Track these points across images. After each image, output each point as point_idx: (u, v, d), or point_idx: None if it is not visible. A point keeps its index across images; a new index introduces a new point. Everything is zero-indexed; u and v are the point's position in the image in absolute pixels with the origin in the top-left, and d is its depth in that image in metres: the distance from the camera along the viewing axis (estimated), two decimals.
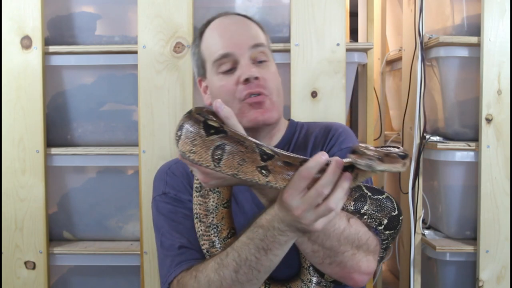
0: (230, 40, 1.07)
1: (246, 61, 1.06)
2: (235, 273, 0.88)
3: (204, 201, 0.95)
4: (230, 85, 1.06)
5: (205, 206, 0.95)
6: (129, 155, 1.58)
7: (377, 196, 0.95)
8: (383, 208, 0.95)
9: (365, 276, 0.93)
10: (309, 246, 0.89)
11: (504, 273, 1.58)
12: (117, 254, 1.59)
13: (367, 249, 0.92)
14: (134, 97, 1.56)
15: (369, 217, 0.95)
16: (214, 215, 0.95)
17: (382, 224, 0.96)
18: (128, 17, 1.64)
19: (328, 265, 0.91)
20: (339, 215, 0.88)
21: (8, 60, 1.54)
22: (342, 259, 0.89)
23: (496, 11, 1.55)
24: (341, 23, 1.52)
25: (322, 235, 0.86)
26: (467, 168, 1.63)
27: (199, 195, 0.95)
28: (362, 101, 1.82)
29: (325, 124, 1.17)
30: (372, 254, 0.93)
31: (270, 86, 1.07)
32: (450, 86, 1.66)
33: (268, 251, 0.85)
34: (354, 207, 0.94)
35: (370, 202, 0.95)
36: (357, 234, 0.90)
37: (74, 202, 1.66)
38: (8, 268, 1.57)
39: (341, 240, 0.88)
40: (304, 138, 1.15)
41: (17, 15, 1.54)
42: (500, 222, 1.57)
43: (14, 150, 1.55)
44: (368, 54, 1.70)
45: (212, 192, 0.94)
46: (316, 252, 0.89)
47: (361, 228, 0.92)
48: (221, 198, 0.95)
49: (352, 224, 0.90)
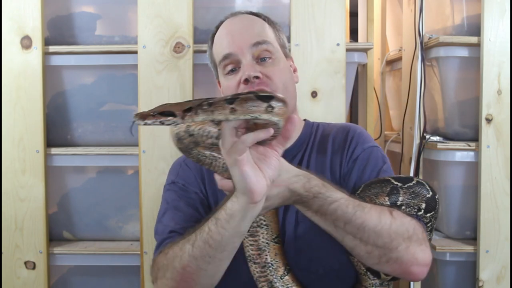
0: (232, 40, 1.07)
1: (248, 61, 1.05)
2: (191, 246, 0.88)
3: (254, 240, 0.93)
4: (233, 86, 1.06)
5: (256, 245, 0.93)
6: (129, 155, 1.58)
7: (408, 184, 0.97)
8: (417, 194, 0.97)
9: (424, 268, 0.93)
10: (362, 248, 0.89)
11: (504, 273, 1.58)
12: (117, 254, 1.59)
13: (417, 238, 0.92)
14: (134, 97, 1.56)
15: (406, 206, 0.97)
16: (267, 252, 0.93)
17: (421, 209, 0.98)
18: (128, 17, 1.64)
19: (386, 263, 0.91)
20: (382, 211, 0.90)
21: (8, 60, 1.54)
22: (398, 254, 0.89)
23: (496, 11, 1.55)
24: (341, 23, 1.52)
25: (372, 233, 0.87)
26: (467, 168, 1.63)
27: (248, 235, 0.93)
28: (362, 101, 1.82)
29: (341, 125, 1.17)
30: (424, 243, 0.93)
31: (276, 84, 1.05)
32: (450, 86, 1.66)
33: (217, 221, 0.84)
34: (390, 202, 0.96)
35: (403, 192, 0.96)
36: (404, 225, 0.90)
37: (74, 202, 1.66)
38: (8, 268, 1.57)
39: (391, 235, 0.88)
40: (322, 140, 1.14)
41: (17, 15, 1.54)
42: (500, 222, 1.57)
43: (14, 150, 1.55)
44: (368, 54, 1.70)
45: (260, 228, 0.92)
46: (370, 253, 0.89)
47: (405, 218, 0.92)
48: (270, 233, 0.93)
49: (396, 216, 0.91)
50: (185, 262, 0.89)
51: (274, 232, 0.93)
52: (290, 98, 1.09)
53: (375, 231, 0.87)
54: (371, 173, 1.05)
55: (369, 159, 1.07)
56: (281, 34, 1.16)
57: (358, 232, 0.87)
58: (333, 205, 0.86)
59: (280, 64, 1.09)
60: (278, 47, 1.11)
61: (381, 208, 0.91)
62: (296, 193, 0.84)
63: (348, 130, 1.13)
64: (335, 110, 1.52)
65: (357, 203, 0.89)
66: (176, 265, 0.90)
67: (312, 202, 0.85)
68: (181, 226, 1.03)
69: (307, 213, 0.88)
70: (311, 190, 0.85)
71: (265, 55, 1.07)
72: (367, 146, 1.09)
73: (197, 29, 1.57)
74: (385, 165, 1.07)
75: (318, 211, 0.86)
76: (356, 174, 1.06)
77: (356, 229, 0.87)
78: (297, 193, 0.84)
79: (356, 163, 1.07)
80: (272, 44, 1.09)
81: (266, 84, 1.04)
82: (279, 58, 1.10)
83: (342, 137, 1.12)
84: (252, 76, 1.03)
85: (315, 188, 0.85)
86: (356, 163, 1.07)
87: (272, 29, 1.13)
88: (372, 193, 0.98)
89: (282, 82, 1.07)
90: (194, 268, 0.88)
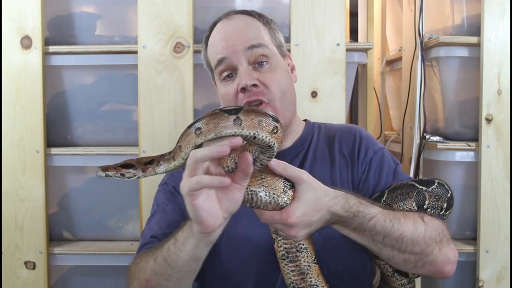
0: (225, 44, 1.05)
1: (244, 67, 1.03)
2: (153, 262, 0.88)
3: (295, 265, 0.92)
4: (231, 93, 1.05)
5: (299, 270, 0.92)
6: (129, 155, 1.58)
7: (431, 187, 1.01)
8: (440, 195, 1.02)
9: (454, 265, 0.96)
10: (400, 257, 0.90)
11: (504, 273, 1.58)
12: (117, 254, 1.58)
13: (446, 239, 0.95)
14: (134, 97, 1.56)
15: (431, 208, 1.00)
16: (311, 275, 0.92)
17: (443, 209, 1.02)
18: (128, 17, 1.64)
19: (421, 267, 0.93)
20: (414, 219, 0.91)
21: (8, 60, 1.54)
22: (432, 257, 0.92)
23: (496, 11, 1.55)
24: (341, 23, 1.52)
25: (410, 242, 0.88)
26: (467, 168, 1.63)
27: (288, 262, 0.92)
28: (362, 101, 1.82)
29: (345, 126, 1.18)
30: (451, 241, 0.97)
31: (272, 91, 1.03)
32: (450, 86, 1.66)
33: (176, 241, 0.84)
34: (417, 205, 0.99)
35: (428, 196, 1.00)
36: (435, 229, 0.93)
37: (74, 202, 1.66)
38: (8, 268, 1.57)
39: (426, 241, 0.90)
40: (326, 140, 1.13)
41: (17, 15, 1.54)
42: (500, 222, 1.57)
43: (14, 150, 1.55)
44: (368, 54, 1.70)
45: (300, 252, 0.91)
46: (407, 260, 0.91)
47: (434, 221, 0.95)
48: (310, 255, 0.92)
49: (427, 222, 0.93)
50: (147, 276, 0.89)
51: (313, 253, 0.93)
52: (289, 102, 1.07)
53: (412, 240, 0.89)
54: (387, 176, 1.07)
55: (382, 161, 1.09)
56: (277, 33, 1.12)
57: (397, 244, 0.88)
58: (372, 221, 0.86)
59: (278, 69, 1.06)
60: (275, 49, 1.08)
61: (413, 216, 0.93)
62: (336, 215, 0.83)
63: (354, 133, 1.13)
64: (335, 110, 1.52)
65: (392, 215, 0.89)
66: (140, 277, 0.91)
67: (351, 221, 0.85)
68: (162, 232, 1.02)
69: (345, 231, 0.88)
70: (351, 210, 0.84)
71: (262, 60, 1.04)
72: (377, 148, 1.11)
73: (197, 29, 1.57)
74: (398, 166, 1.10)
75: (356, 228, 0.86)
76: (372, 177, 1.07)
77: (395, 241, 0.88)
78: (337, 215, 0.83)
79: (371, 165, 1.08)
80: (268, 47, 1.06)
81: (263, 93, 1.02)
82: (276, 62, 1.07)
83: (349, 139, 1.12)
84: (249, 84, 1.01)
85: (354, 208, 0.85)
86: (372, 165, 1.08)
87: (267, 30, 1.10)
88: (399, 199, 1.00)
89: (280, 88, 1.05)
90: (155, 283, 0.88)
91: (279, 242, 0.90)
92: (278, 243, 0.90)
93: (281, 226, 0.80)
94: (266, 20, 1.12)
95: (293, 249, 0.90)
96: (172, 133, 1.52)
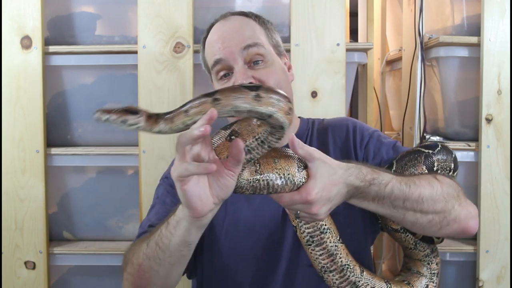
0: (222, 45, 1.06)
1: (239, 66, 1.04)
2: (146, 245, 0.89)
3: (322, 248, 0.90)
4: None
5: (327, 253, 0.90)
6: (129, 155, 1.58)
7: (437, 149, 1.03)
8: (446, 157, 1.04)
9: (477, 219, 0.97)
10: (424, 219, 0.91)
11: (504, 273, 1.58)
12: (117, 254, 1.58)
13: (463, 193, 0.96)
14: (134, 97, 1.56)
15: (441, 169, 1.02)
16: (340, 254, 0.91)
17: (451, 169, 1.04)
18: (128, 17, 1.64)
19: (446, 226, 0.93)
20: (428, 179, 0.92)
21: (8, 60, 1.54)
22: (455, 213, 0.93)
23: (496, 11, 1.55)
24: (341, 23, 1.52)
25: (430, 202, 0.89)
26: (467, 168, 1.63)
27: (315, 246, 0.90)
28: (362, 101, 1.82)
29: (336, 120, 1.19)
30: (467, 197, 0.98)
31: None
32: (450, 86, 1.66)
33: (168, 225, 0.85)
34: (427, 169, 1.00)
35: (436, 159, 1.02)
36: (451, 185, 0.94)
37: (74, 202, 1.66)
38: (8, 268, 1.57)
39: (445, 198, 0.91)
40: (320, 132, 1.15)
41: (17, 15, 1.54)
42: (500, 222, 1.57)
43: (14, 150, 1.55)
44: (368, 54, 1.70)
45: (325, 234, 0.90)
46: (431, 220, 0.91)
47: (447, 179, 0.96)
48: (334, 235, 0.91)
49: (441, 180, 0.94)
50: (140, 260, 0.90)
51: (337, 233, 0.92)
52: None
53: (431, 199, 0.89)
54: (387, 152, 1.08)
55: (379, 141, 1.10)
56: (273, 33, 1.14)
57: (418, 205, 0.89)
58: (389, 187, 0.86)
59: (273, 67, 1.08)
60: (271, 48, 1.10)
61: (427, 177, 0.94)
62: (353, 186, 0.83)
63: (347, 123, 1.15)
64: (335, 110, 1.52)
65: (406, 179, 0.90)
66: (134, 261, 0.92)
67: (369, 190, 0.85)
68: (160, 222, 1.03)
69: (363, 203, 0.87)
70: (366, 178, 0.84)
71: (257, 59, 1.06)
72: (371, 131, 1.13)
73: (197, 29, 1.57)
74: (397, 142, 1.12)
75: (375, 197, 0.86)
76: (372, 158, 1.08)
77: (415, 202, 0.88)
78: (354, 186, 0.83)
79: (369, 148, 1.09)
80: (263, 46, 1.07)
81: None
82: (272, 60, 1.08)
83: (343, 130, 1.13)
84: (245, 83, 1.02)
85: (369, 176, 0.85)
86: (369, 148, 1.09)
87: (263, 30, 1.12)
88: (409, 166, 1.01)
89: (276, 84, 1.06)
90: (147, 267, 0.89)
91: (301, 228, 0.89)
92: (301, 229, 0.89)
93: (301, 206, 0.79)
94: (262, 20, 1.14)
95: (316, 232, 0.89)
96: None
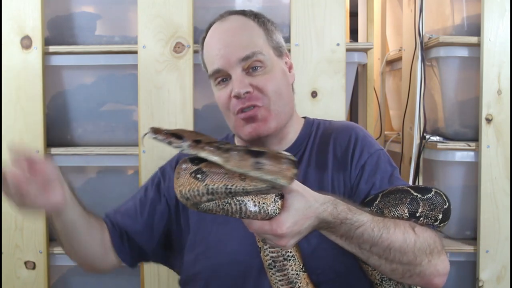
0: (219, 54, 1.05)
1: (237, 75, 1.03)
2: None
3: (283, 274, 0.89)
4: (224, 98, 1.05)
5: (287, 280, 0.89)
6: (129, 155, 1.58)
7: (427, 196, 0.97)
8: (435, 205, 0.98)
9: (444, 277, 0.95)
10: (387, 266, 0.89)
11: (504, 273, 1.58)
12: None
13: (437, 250, 0.93)
14: (134, 97, 1.56)
15: (424, 217, 0.97)
16: (299, 283, 0.90)
17: (438, 220, 0.98)
18: (128, 17, 1.64)
19: (409, 278, 0.92)
20: (405, 229, 0.90)
21: (8, 60, 1.54)
22: (421, 269, 0.90)
23: (496, 11, 1.55)
24: (341, 23, 1.52)
25: (398, 253, 0.87)
26: (467, 168, 1.63)
27: (276, 271, 0.89)
28: (362, 101, 1.82)
29: (342, 125, 1.15)
30: (443, 253, 0.95)
31: (268, 93, 1.03)
32: (450, 86, 1.66)
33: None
34: (409, 213, 0.95)
35: (422, 204, 0.96)
36: (426, 241, 0.91)
37: None
38: (8, 268, 1.57)
39: (415, 252, 0.89)
40: (322, 139, 1.12)
41: (17, 15, 1.54)
42: (500, 222, 1.57)
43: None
44: (368, 54, 1.70)
45: (288, 261, 0.88)
46: (395, 270, 0.90)
47: (426, 233, 0.92)
48: (297, 263, 0.89)
49: (418, 233, 0.91)
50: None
51: (301, 261, 0.90)
52: (284, 103, 1.07)
53: (400, 251, 0.87)
54: (381, 180, 1.03)
55: (377, 165, 1.05)
56: (273, 33, 1.10)
57: (384, 253, 0.87)
58: (360, 229, 0.84)
59: (272, 72, 1.06)
60: (270, 51, 1.07)
61: (404, 226, 0.90)
62: (324, 221, 0.82)
63: (350, 133, 1.10)
64: (335, 110, 1.52)
65: (382, 224, 0.87)
66: None
67: (339, 228, 0.84)
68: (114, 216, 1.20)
69: (331, 237, 0.87)
70: (339, 216, 0.83)
71: (256, 65, 1.04)
72: (373, 150, 1.07)
73: (197, 29, 1.56)
74: (395, 171, 1.07)
75: (343, 235, 0.85)
76: (365, 181, 1.04)
77: (382, 250, 0.87)
78: (325, 221, 0.82)
79: (364, 169, 1.05)
80: (262, 53, 1.04)
81: (257, 98, 1.02)
82: (271, 66, 1.06)
83: (344, 138, 1.09)
84: (242, 93, 1.01)
85: (342, 214, 0.83)
86: (365, 169, 1.05)
87: (263, 31, 1.08)
88: (391, 204, 0.97)
89: (275, 90, 1.04)
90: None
91: (265, 251, 0.88)
92: (265, 252, 0.88)
93: (270, 236, 0.79)
94: (262, 20, 1.10)
95: (280, 258, 0.88)
96: None
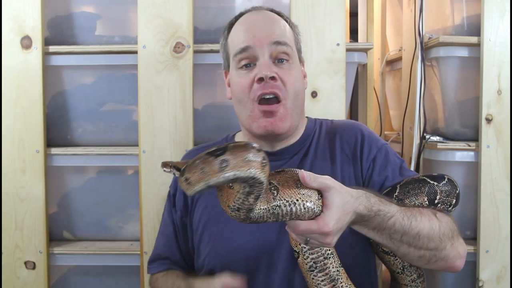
0: (252, 34, 1.06)
1: (265, 59, 1.04)
2: None
3: (325, 273, 0.89)
4: (246, 83, 1.05)
5: (329, 278, 0.89)
6: (129, 155, 1.58)
7: (442, 183, 1.03)
8: (450, 191, 1.03)
9: (464, 259, 0.99)
10: (415, 254, 0.91)
11: (504, 273, 1.57)
12: (117, 254, 1.58)
13: (457, 234, 0.97)
14: (134, 97, 1.56)
15: (441, 204, 1.02)
16: (341, 279, 0.91)
17: (452, 204, 1.04)
18: (128, 17, 1.64)
19: (434, 263, 0.95)
20: (429, 216, 0.93)
21: (8, 60, 1.54)
22: (446, 253, 0.94)
23: (496, 11, 1.55)
24: (341, 23, 1.52)
25: (425, 240, 0.90)
26: (467, 168, 1.63)
27: (318, 272, 0.89)
28: (362, 101, 1.82)
29: (345, 123, 1.18)
30: (460, 236, 0.99)
31: (288, 89, 1.05)
32: (450, 86, 1.66)
33: None
34: (428, 201, 1.00)
35: (439, 191, 1.02)
36: (448, 225, 0.95)
37: (74, 202, 1.66)
38: (8, 268, 1.57)
39: (441, 237, 0.92)
40: (328, 135, 1.14)
41: (17, 15, 1.54)
42: (500, 222, 1.57)
43: (14, 150, 1.55)
44: (368, 54, 1.70)
45: (328, 259, 0.89)
46: (422, 256, 0.93)
47: (446, 217, 0.97)
48: (336, 259, 0.90)
49: (441, 219, 0.95)
50: None
51: (338, 258, 0.91)
52: (299, 105, 1.10)
53: (428, 237, 0.90)
54: (393, 173, 1.08)
55: (387, 158, 1.10)
56: (299, 39, 1.15)
57: (414, 241, 0.89)
58: (391, 220, 0.86)
59: (295, 70, 1.08)
60: (296, 52, 1.11)
61: (428, 213, 0.94)
62: (360, 215, 0.83)
63: (356, 130, 1.13)
64: (335, 110, 1.52)
65: (409, 213, 0.90)
66: None
67: (372, 220, 0.85)
68: (162, 251, 1.19)
69: (363, 230, 0.88)
70: (372, 209, 0.84)
71: (283, 57, 1.06)
72: (380, 145, 1.12)
73: (197, 29, 1.57)
74: (403, 163, 1.11)
75: (376, 227, 0.87)
76: (377, 175, 1.07)
77: (412, 238, 0.89)
78: (361, 215, 0.83)
79: (375, 162, 1.08)
80: (291, 47, 1.08)
81: (280, 88, 1.04)
82: (295, 63, 1.09)
83: (352, 137, 1.12)
84: (269, 76, 1.02)
85: (375, 206, 0.85)
86: (376, 163, 1.08)
87: (293, 32, 1.12)
88: (411, 194, 1.02)
89: (294, 89, 1.06)
90: None
91: (305, 254, 0.88)
92: (304, 255, 0.88)
93: (317, 236, 0.79)
94: (292, 23, 1.15)
95: (320, 258, 0.89)
96: (172, 133, 1.52)
